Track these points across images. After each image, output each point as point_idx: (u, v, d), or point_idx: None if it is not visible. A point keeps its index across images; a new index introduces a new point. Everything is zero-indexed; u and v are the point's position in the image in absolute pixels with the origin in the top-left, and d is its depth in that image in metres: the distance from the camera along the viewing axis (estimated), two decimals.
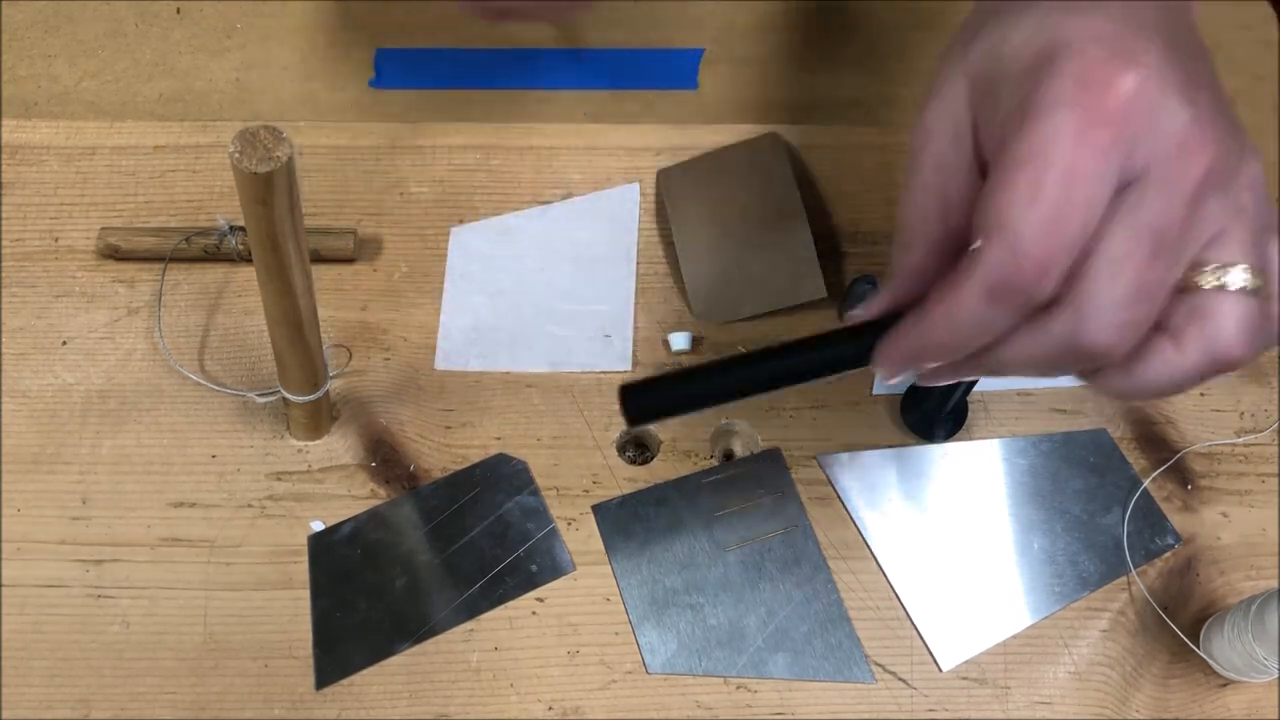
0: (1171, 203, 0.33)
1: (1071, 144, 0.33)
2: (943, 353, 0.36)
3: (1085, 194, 0.33)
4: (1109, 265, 0.34)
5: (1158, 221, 0.33)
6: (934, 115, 0.38)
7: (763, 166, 0.64)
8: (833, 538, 0.56)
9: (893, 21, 0.66)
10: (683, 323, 0.61)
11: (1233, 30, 0.67)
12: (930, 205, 0.38)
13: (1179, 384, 0.36)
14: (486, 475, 0.57)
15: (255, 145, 0.41)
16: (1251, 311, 0.35)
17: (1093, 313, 0.34)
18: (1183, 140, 0.33)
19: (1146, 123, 0.33)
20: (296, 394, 0.54)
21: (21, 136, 0.65)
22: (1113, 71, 0.33)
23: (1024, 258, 0.33)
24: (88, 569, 0.53)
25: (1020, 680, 0.53)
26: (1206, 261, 0.35)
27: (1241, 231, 0.35)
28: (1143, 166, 0.33)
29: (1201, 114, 0.34)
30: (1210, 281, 0.35)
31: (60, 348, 0.59)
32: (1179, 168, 0.33)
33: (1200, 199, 0.34)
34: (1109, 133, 0.33)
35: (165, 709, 0.51)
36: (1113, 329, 0.34)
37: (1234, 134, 0.35)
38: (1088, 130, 0.33)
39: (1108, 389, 0.37)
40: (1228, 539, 0.57)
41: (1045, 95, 0.34)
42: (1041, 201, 0.33)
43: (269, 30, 0.64)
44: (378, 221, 0.64)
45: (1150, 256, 0.34)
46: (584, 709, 0.51)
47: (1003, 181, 0.34)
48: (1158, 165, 0.33)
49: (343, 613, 0.53)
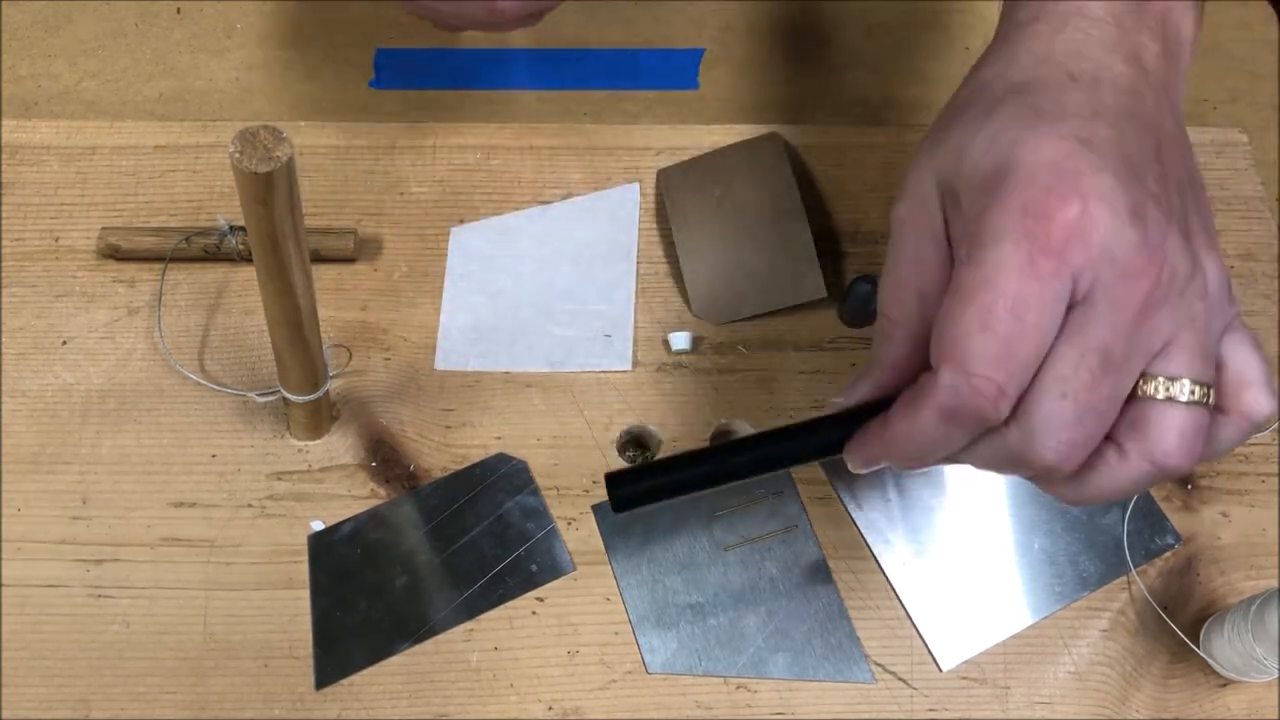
0: (1117, 322, 0.35)
1: (1018, 274, 0.34)
2: (905, 460, 0.38)
3: (1034, 321, 0.34)
4: (1057, 384, 0.35)
5: (1104, 341, 0.35)
6: (907, 209, 0.39)
7: (763, 166, 0.64)
8: (833, 538, 0.56)
9: (893, 21, 0.66)
10: (683, 323, 0.61)
11: (1233, 30, 0.67)
12: (908, 300, 0.39)
13: (1124, 492, 0.37)
14: (486, 475, 0.57)
15: (255, 145, 0.41)
16: (1195, 423, 0.36)
17: (1041, 431, 0.35)
18: (1128, 262, 0.34)
19: (1091, 248, 0.34)
20: (296, 394, 0.54)
21: (21, 136, 0.65)
22: (1058, 201, 0.34)
23: (977, 383, 0.35)
24: (88, 569, 0.54)
25: (1020, 680, 0.53)
26: (1155, 374, 0.36)
27: (1191, 340, 0.36)
28: (1088, 289, 0.35)
29: (1149, 233, 0.35)
30: (1159, 393, 0.36)
31: (60, 348, 0.59)
32: (1124, 289, 0.35)
33: (1146, 315, 0.35)
34: (1053, 262, 0.34)
35: (165, 709, 0.51)
36: (1061, 446, 0.35)
37: (1187, 244, 0.36)
38: (1033, 260, 0.34)
39: (1058, 495, 0.39)
40: (1228, 539, 0.57)
41: (994, 223, 0.35)
42: (991, 329, 0.34)
43: (269, 30, 0.65)
44: (378, 221, 0.64)
45: (1097, 375, 0.35)
46: (584, 709, 0.51)
47: (955, 310, 0.35)
48: (1103, 287, 0.35)
49: (343, 612, 0.53)
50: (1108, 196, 0.35)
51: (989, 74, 0.40)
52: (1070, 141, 0.36)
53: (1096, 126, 0.37)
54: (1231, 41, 0.67)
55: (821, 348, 0.61)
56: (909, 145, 0.68)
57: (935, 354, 0.36)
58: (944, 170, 0.38)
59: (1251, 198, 0.66)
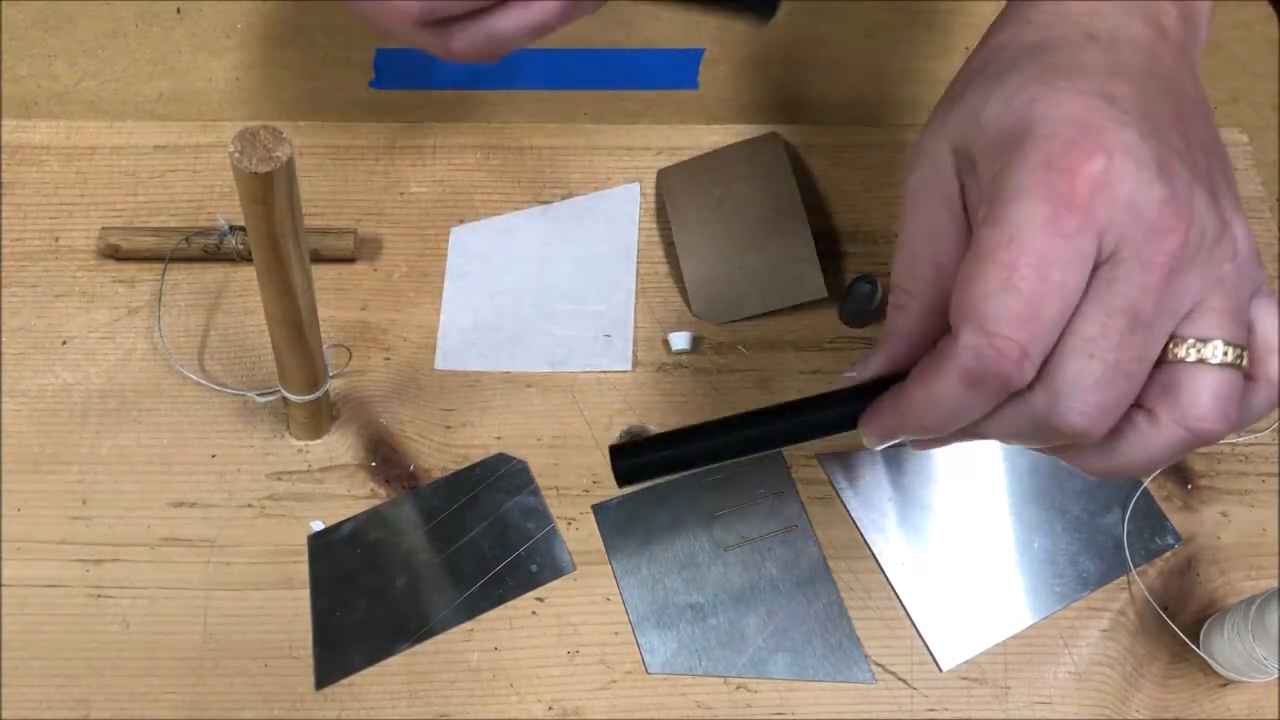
0: (1145, 280, 0.33)
1: (1042, 231, 0.33)
2: (923, 430, 0.37)
3: (1059, 279, 0.33)
4: (1084, 345, 0.33)
5: (1131, 300, 0.33)
6: (920, 179, 0.38)
7: (763, 166, 0.64)
8: (833, 538, 0.56)
9: (893, 21, 0.66)
10: (683, 323, 0.61)
11: (1233, 30, 0.67)
12: (923, 271, 0.38)
13: (1156, 460, 0.36)
14: (486, 475, 0.57)
15: (255, 145, 0.41)
16: (1229, 385, 0.35)
17: (1068, 393, 0.34)
18: (1155, 218, 0.33)
19: (1117, 204, 0.33)
20: (296, 394, 0.54)
21: (21, 136, 0.65)
22: (1081, 155, 0.33)
23: (1001, 345, 0.33)
24: (88, 569, 0.54)
25: (1020, 680, 0.53)
26: (1185, 336, 0.35)
27: (1221, 301, 0.35)
28: (1115, 246, 0.33)
29: (1176, 189, 0.34)
30: (1190, 355, 0.34)
31: (60, 348, 0.59)
32: (1151, 246, 0.33)
33: (1175, 275, 0.34)
34: (1078, 218, 0.33)
35: (165, 709, 0.51)
36: (1089, 409, 0.34)
37: (1214, 203, 0.35)
38: (1057, 216, 0.33)
39: (1086, 467, 0.37)
40: (1228, 539, 0.57)
41: (1015, 180, 0.34)
42: (1015, 289, 0.33)
43: (269, 30, 0.65)
44: (378, 221, 0.64)
45: (1125, 335, 0.33)
46: (584, 709, 0.51)
47: (976, 271, 0.34)
48: (1129, 245, 0.33)
49: (343, 612, 0.53)
50: (1133, 150, 0.33)
51: (1002, 37, 0.39)
52: (1091, 97, 0.34)
53: (1117, 84, 0.35)
54: (1231, 41, 0.67)
55: (821, 348, 0.61)
56: (908, 145, 0.68)
57: (955, 316, 0.34)
58: (959, 135, 0.37)
59: (1251, 198, 0.66)
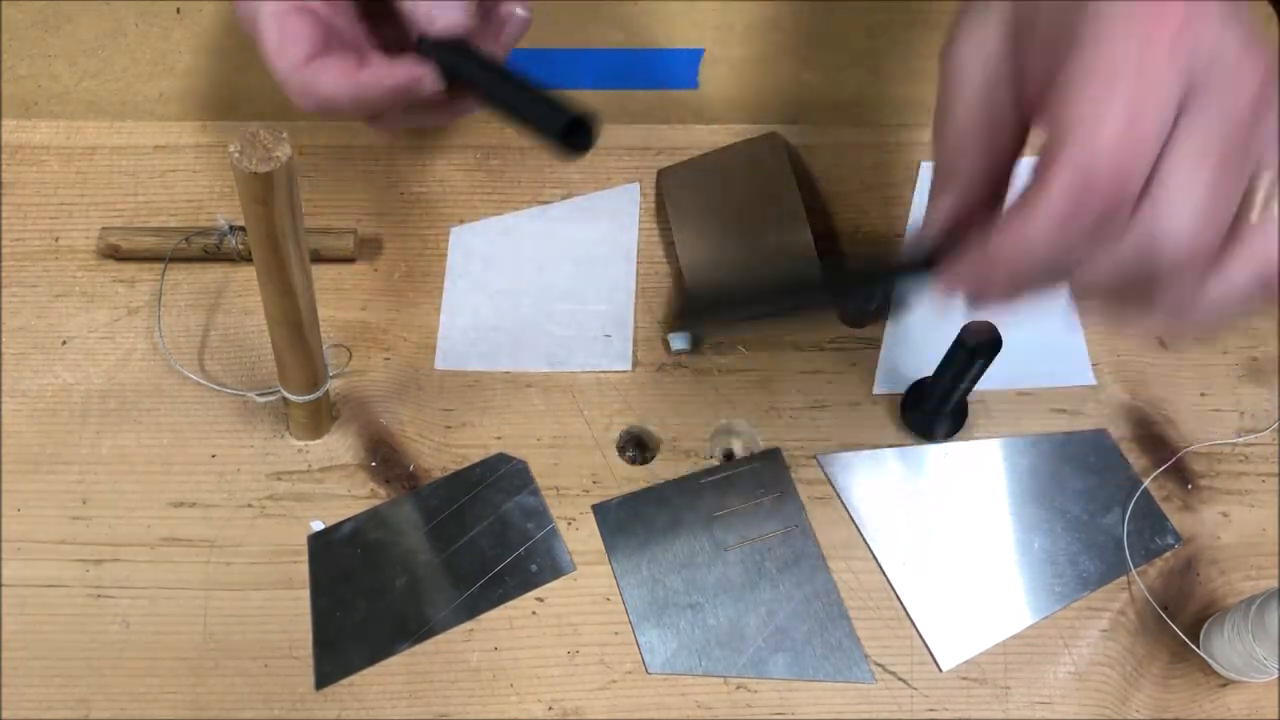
0: (1234, 114, 0.34)
1: (1138, 50, 0.33)
2: (1013, 279, 0.36)
3: (1158, 97, 0.33)
4: (1187, 164, 0.34)
5: (1224, 130, 0.34)
6: (967, 50, 0.38)
7: (763, 166, 0.64)
8: (833, 538, 0.56)
9: (892, 21, 0.66)
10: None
11: None
12: (971, 142, 0.38)
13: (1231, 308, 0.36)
14: (486, 475, 0.57)
15: (255, 145, 0.41)
16: None
17: (1172, 213, 0.34)
18: (1237, 56, 0.34)
19: (1204, 36, 0.34)
20: (296, 394, 0.54)
21: (21, 136, 0.65)
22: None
23: (1104, 158, 0.33)
24: (88, 569, 0.53)
25: (1020, 680, 0.53)
26: (1255, 187, 0.35)
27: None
28: (1203, 80, 0.34)
29: (1249, 34, 0.34)
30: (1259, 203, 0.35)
31: (60, 348, 0.59)
32: (1237, 82, 0.34)
33: (1256, 116, 0.34)
34: (1172, 43, 0.33)
35: (165, 709, 0.51)
36: (1192, 231, 0.34)
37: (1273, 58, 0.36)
38: (1152, 39, 0.33)
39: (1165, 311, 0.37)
40: (1228, 539, 0.57)
41: (1098, 22, 0.34)
42: (1116, 103, 0.33)
43: None
44: (378, 221, 0.64)
45: (1221, 162, 0.34)
46: (584, 709, 0.51)
47: (1075, 88, 0.34)
48: (1218, 79, 0.34)
49: (343, 613, 0.53)
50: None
51: None
52: None
53: None
54: None
55: (821, 348, 0.61)
56: (908, 145, 0.68)
57: (1051, 143, 0.34)
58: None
59: None
